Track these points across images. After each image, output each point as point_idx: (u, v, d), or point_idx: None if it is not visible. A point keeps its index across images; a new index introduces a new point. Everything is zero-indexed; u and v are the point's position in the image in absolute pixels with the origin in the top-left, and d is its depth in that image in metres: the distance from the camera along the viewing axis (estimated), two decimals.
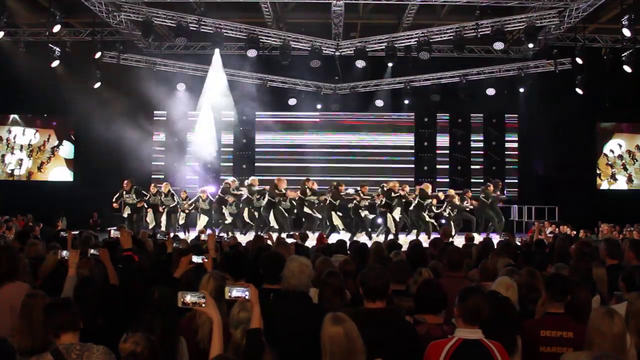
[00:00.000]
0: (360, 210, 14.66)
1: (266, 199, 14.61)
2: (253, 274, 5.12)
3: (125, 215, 15.09)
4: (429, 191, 14.84)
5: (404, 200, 14.39)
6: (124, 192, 14.90)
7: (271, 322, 3.33)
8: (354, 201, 14.71)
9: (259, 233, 12.51)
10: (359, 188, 15.13)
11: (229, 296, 3.17)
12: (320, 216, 14.87)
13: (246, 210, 14.98)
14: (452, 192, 15.60)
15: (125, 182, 15.01)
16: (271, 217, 14.51)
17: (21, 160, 19.90)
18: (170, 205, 15.28)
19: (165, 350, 3.19)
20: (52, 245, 6.26)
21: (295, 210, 15.07)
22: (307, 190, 14.61)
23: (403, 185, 14.87)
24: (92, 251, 5.13)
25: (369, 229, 14.73)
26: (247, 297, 3.14)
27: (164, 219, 15.23)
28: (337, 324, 3.05)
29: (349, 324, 3.06)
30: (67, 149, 19.98)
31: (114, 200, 15.01)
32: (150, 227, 14.82)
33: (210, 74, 17.99)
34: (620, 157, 19.87)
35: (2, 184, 19.49)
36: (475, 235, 10.64)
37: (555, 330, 3.76)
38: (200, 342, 3.57)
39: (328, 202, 14.41)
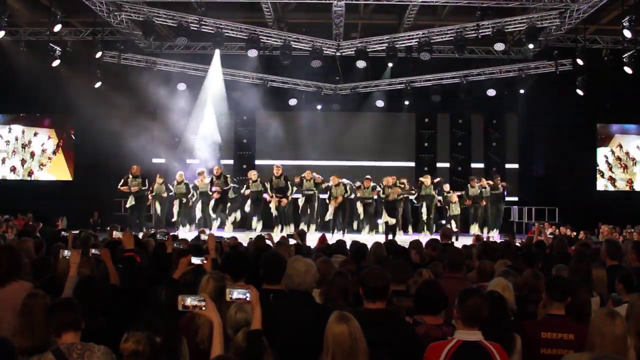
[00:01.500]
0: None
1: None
2: (253, 274, 5.12)
3: (127, 205, 14.99)
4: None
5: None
6: (131, 176, 14.78)
7: (272, 323, 3.33)
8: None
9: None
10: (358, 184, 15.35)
11: (230, 298, 3.16)
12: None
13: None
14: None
15: (135, 167, 14.94)
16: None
17: (22, 159, 19.90)
18: (183, 193, 15.18)
19: (167, 350, 3.19)
20: (57, 245, 6.26)
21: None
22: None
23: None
24: (93, 251, 5.14)
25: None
26: (248, 299, 3.14)
27: (175, 210, 15.22)
28: (342, 323, 3.05)
29: (354, 323, 3.06)
30: (67, 149, 19.98)
31: (120, 185, 14.94)
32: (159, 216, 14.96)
33: (210, 73, 18.01)
34: (619, 159, 19.87)
35: (3, 183, 19.50)
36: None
37: (556, 332, 3.76)
38: (200, 342, 3.57)
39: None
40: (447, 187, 16.07)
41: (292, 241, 7.61)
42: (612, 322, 3.18)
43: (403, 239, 12.04)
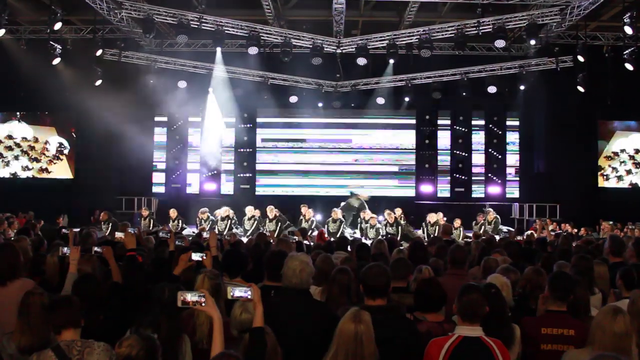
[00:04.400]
0: None
1: None
2: (251, 272, 5.13)
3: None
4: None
5: None
6: (102, 224, 14.11)
7: (273, 320, 3.33)
8: None
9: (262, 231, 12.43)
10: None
11: (231, 296, 3.15)
12: None
13: None
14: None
15: (102, 213, 14.47)
16: None
17: (23, 157, 19.89)
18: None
19: (170, 348, 3.19)
20: (56, 243, 6.26)
21: None
22: None
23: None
24: (95, 248, 5.13)
25: None
26: (249, 297, 3.13)
27: None
28: (352, 322, 3.05)
29: (364, 326, 3.05)
30: (68, 147, 19.98)
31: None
32: None
33: (214, 72, 18.03)
34: (617, 154, 19.86)
35: (4, 182, 19.50)
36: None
37: (556, 327, 3.77)
38: (199, 342, 3.58)
39: None
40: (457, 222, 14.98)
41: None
42: (613, 318, 3.18)
43: None
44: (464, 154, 20.50)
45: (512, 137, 20.48)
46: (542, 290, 4.19)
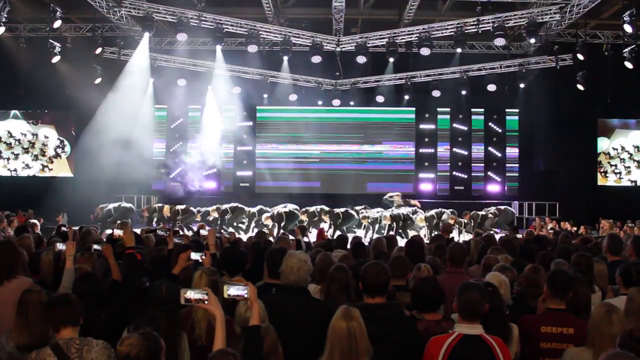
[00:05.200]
0: None
1: None
2: (251, 270, 5.11)
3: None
4: None
5: None
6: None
7: (272, 317, 3.33)
8: None
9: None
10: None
11: (228, 295, 3.14)
12: None
13: None
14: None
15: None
16: None
17: (22, 155, 19.88)
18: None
19: (169, 345, 3.19)
20: (53, 240, 6.25)
21: None
22: None
23: None
24: (95, 246, 5.11)
25: None
26: (245, 296, 3.12)
27: None
28: (343, 319, 3.05)
29: (356, 323, 3.04)
30: (67, 145, 19.97)
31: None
32: None
33: (214, 70, 18.02)
34: (617, 152, 19.85)
35: (3, 180, 19.49)
36: None
37: (555, 326, 3.76)
38: (197, 339, 3.57)
39: None
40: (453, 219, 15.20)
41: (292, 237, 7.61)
42: (609, 320, 3.18)
43: None
44: (463, 152, 20.51)
45: (512, 135, 20.48)
46: (540, 288, 4.18)
